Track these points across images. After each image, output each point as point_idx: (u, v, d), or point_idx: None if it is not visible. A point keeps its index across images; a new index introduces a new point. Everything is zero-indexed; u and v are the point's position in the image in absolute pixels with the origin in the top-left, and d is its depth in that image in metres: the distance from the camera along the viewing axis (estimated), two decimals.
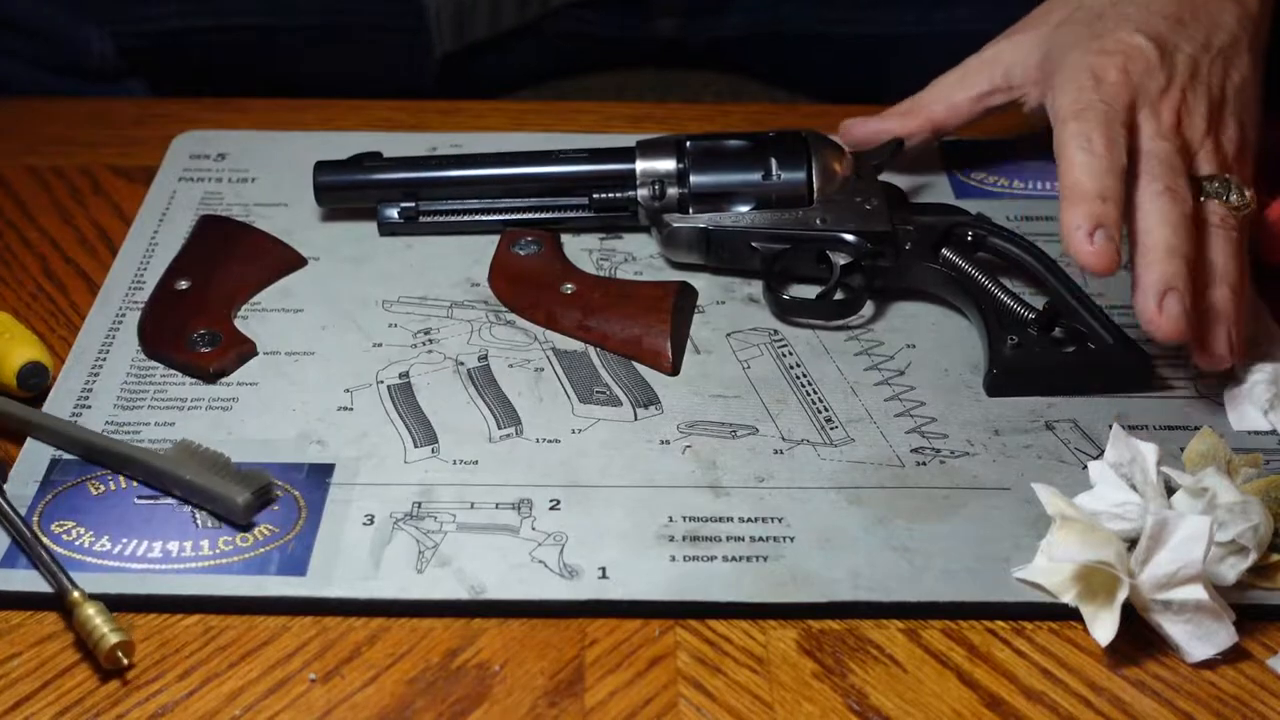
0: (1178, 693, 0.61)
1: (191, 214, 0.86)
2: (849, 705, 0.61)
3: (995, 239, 0.80)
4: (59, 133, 0.95)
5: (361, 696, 0.61)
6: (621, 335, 0.77)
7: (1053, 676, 0.62)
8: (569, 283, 0.81)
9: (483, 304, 0.80)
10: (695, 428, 0.73)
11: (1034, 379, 0.74)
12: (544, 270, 0.82)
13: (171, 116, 0.95)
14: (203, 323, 0.77)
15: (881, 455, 0.71)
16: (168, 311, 0.78)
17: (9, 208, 0.88)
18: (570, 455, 0.71)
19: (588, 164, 0.83)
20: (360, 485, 0.69)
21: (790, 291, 0.80)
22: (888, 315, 0.80)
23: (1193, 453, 0.70)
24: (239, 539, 0.66)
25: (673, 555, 0.66)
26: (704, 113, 0.98)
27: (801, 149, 0.81)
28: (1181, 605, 0.62)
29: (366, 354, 0.77)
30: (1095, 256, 0.71)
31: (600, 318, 0.78)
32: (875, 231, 0.80)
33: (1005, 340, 0.75)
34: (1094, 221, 0.71)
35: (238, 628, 0.64)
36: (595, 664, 0.62)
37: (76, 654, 0.62)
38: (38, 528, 0.66)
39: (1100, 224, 0.71)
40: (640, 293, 0.80)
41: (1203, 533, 0.62)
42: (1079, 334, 0.75)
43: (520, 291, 0.81)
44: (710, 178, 0.81)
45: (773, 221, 0.80)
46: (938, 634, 0.64)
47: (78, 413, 0.73)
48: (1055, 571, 0.64)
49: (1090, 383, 0.75)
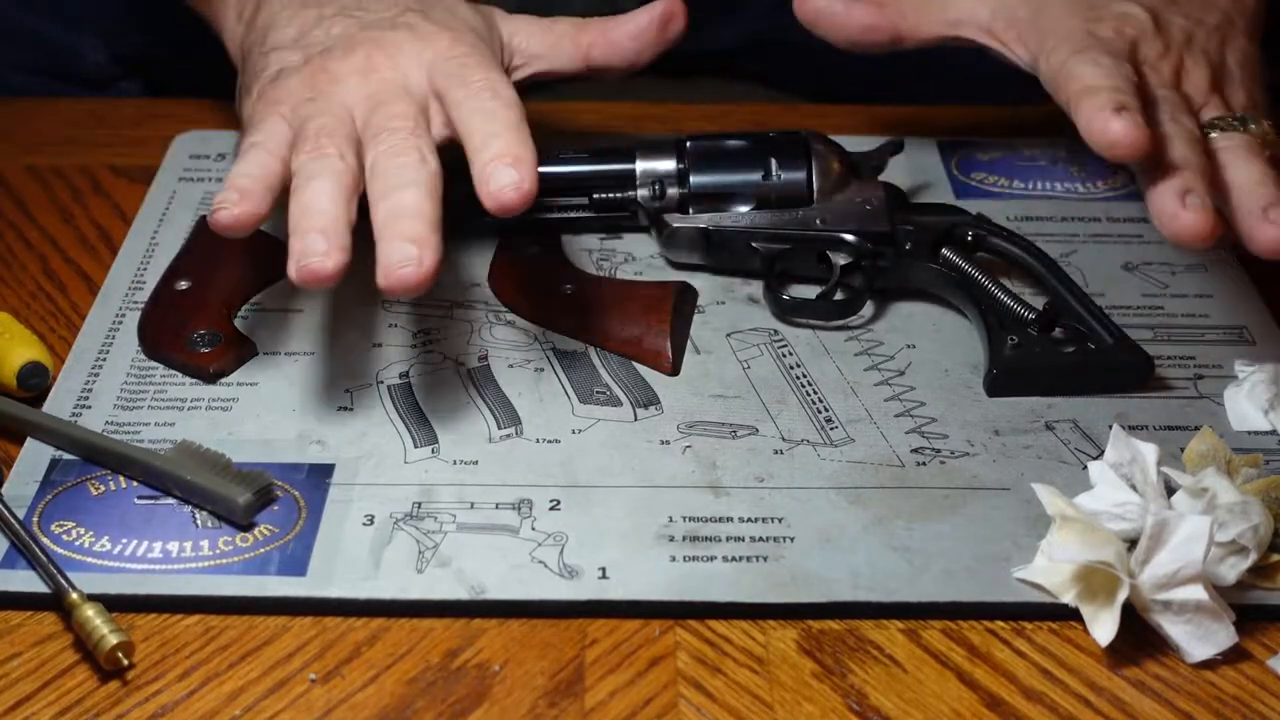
0: (1178, 693, 0.61)
1: (191, 214, 0.86)
2: (849, 705, 0.61)
3: (995, 239, 0.80)
4: (59, 133, 0.95)
5: (361, 696, 0.61)
6: (621, 335, 0.77)
7: (1053, 676, 0.62)
8: (569, 283, 0.81)
9: (483, 304, 0.80)
10: (695, 428, 0.73)
11: (1034, 379, 0.74)
12: (544, 270, 0.82)
13: (171, 116, 0.95)
14: (203, 323, 0.77)
15: (881, 455, 0.71)
16: (168, 311, 0.78)
17: (9, 208, 0.88)
18: (570, 455, 0.71)
19: (588, 164, 0.83)
20: (360, 485, 0.69)
21: (790, 291, 0.80)
22: (888, 315, 0.80)
23: (1193, 453, 0.70)
24: (239, 539, 0.66)
25: (673, 555, 0.66)
26: (704, 113, 0.98)
27: (801, 149, 0.81)
28: (1181, 605, 0.62)
29: (366, 354, 0.77)
30: (1125, 133, 0.67)
31: (600, 318, 0.78)
32: (875, 231, 0.80)
33: (1005, 340, 0.75)
34: (1118, 103, 0.68)
35: (238, 628, 0.64)
36: (595, 664, 0.62)
37: (76, 654, 0.62)
38: (37, 528, 0.66)
39: (1123, 106, 0.68)
40: (640, 293, 0.80)
41: (1203, 533, 0.62)
42: (1079, 334, 0.75)
43: (520, 292, 0.81)
44: (710, 178, 0.81)
45: (773, 222, 0.80)
46: (938, 634, 0.64)
47: (78, 413, 0.73)
48: (1055, 571, 0.64)
49: (1091, 383, 0.74)
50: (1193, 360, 0.77)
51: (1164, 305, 0.80)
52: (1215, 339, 0.78)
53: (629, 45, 0.82)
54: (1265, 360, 0.75)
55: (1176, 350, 0.77)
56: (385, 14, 0.78)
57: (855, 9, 0.82)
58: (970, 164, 0.91)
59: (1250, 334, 0.79)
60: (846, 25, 0.82)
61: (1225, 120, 0.73)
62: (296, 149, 0.71)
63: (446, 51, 0.75)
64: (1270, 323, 0.79)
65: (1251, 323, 0.80)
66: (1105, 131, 0.68)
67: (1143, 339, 0.76)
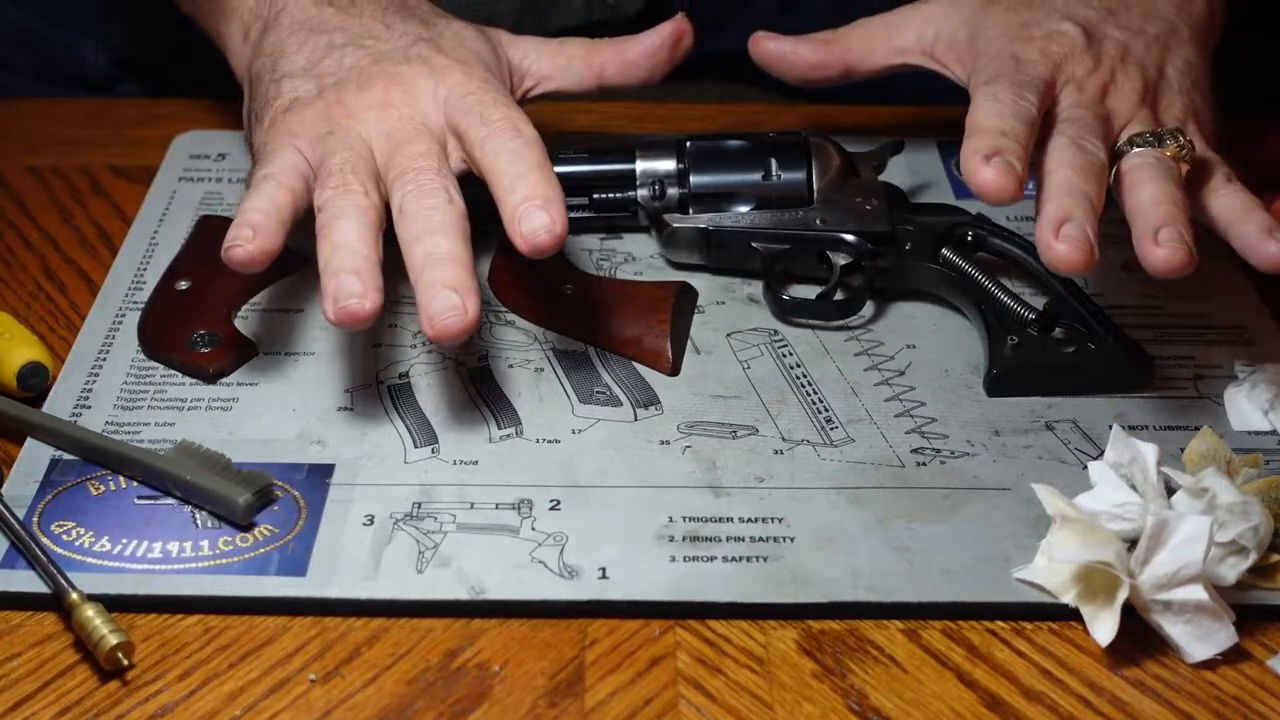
0: (1178, 693, 0.61)
1: (191, 214, 0.87)
2: (849, 705, 0.61)
3: (995, 239, 0.80)
4: (59, 133, 0.95)
5: (361, 697, 0.61)
6: (621, 335, 0.77)
7: (1053, 676, 0.62)
8: (568, 283, 0.81)
9: (483, 304, 0.80)
10: (695, 428, 0.73)
11: (1034, 379, 0.74)
12: (544, 271, 0.82)
13: (171, 116, 0.95)
14: (203, 323, 0.77)
15: (881, 455, 0.71)
16: (168, 312, 0.78)
17: (9, 208, 0.88)
18: (570, 455, 0.71)
19: (588, 164, 0.84)
20: (360, 485, 0.69)
21: (790, 292, 0.80)
22: (888, 315, 0.80)
23: (1193, 453, 0.70)
24: (239, 539, 0.66)
25: (673, 555, 0.66)
26: (704, 113, 0.98)
27: (801, 149, 0.81)
28: (1181, 605, 0.62)
29: (366, 354, 0.77)
30: (993, 181, 0.68)
31: (600, 318, 0.78)
32: (875, 232, 0.80)
33: (1005, 340, 0.75)
34: (993, 149, 0.69)
35: (238, 628, 0.64)
36: (595, 664, 0.62)
37: (76, 654, 0.62)
38: (37, 528, 0.66)
39: (999, 151, 0.68)
40: (640, 293, 0.80)
41: (1203, 533, 0.62)
42: (1079, 334, 0.75)
43: (520, 292, 0.81)
44: (710, 178, 0.81)
45: (773, 222, 0.80)
46: (938, 634, 0.64)
47: (78, 413, 0.73)
48: (1055, 571, 0.64)
49: (1091, 383, 0.74)
50: (1193, 360, 0.77)
51: (1164, 305, 0.80)
52: (1215, 339, 0.78)
53: (643, 64, 0.83)
54: (1265, 360, 0.76)
55: (1176, 350, 0.77)
56: (397, 44, 0.78)
57: (803, 48, 0.84)
58: None
59: (1250, 334, 0.79)
60: (796, 64, 0.85)
61: (1142, 137, 0.73)
62: (321, 183, 0.72)
63: (461, 87, 0.75)
64: (1270, 323, 0.79)
65: (1251, 323, 0.80)
66: (973, 176, 0.69)
67: (1143, 339, 0.76)
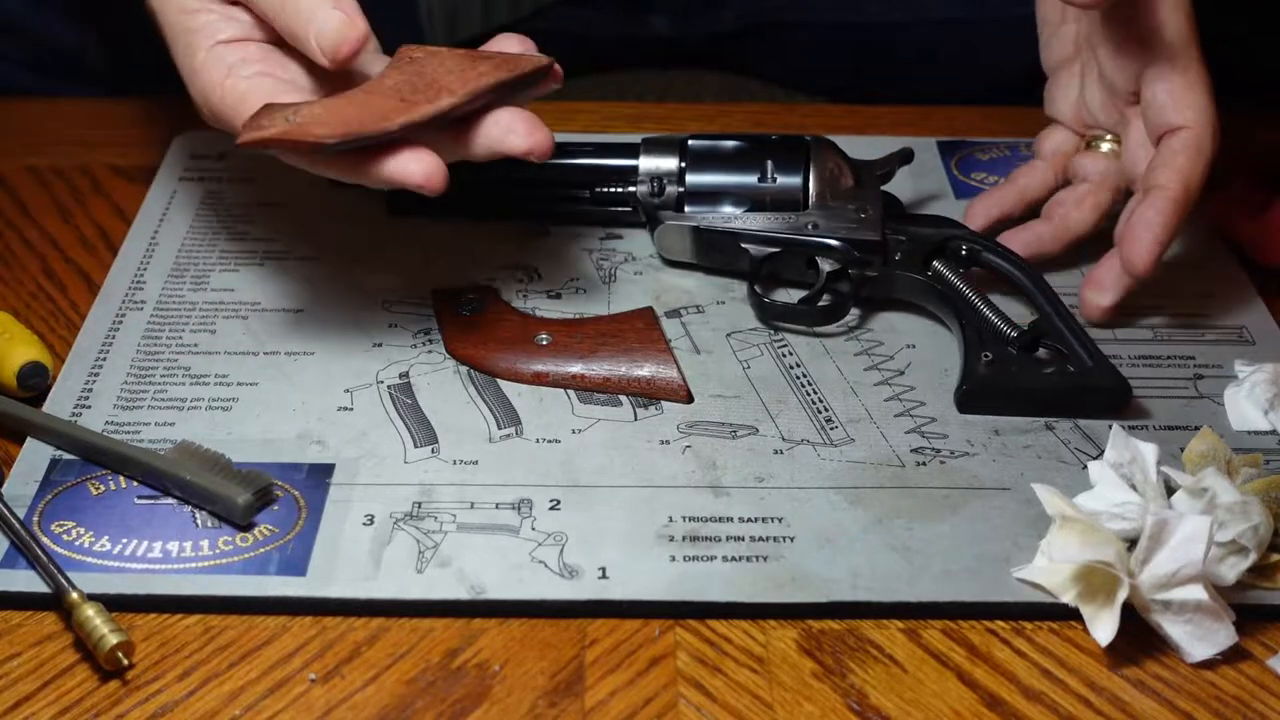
0: (1178, 693, 0.61)
1: (191, 214, 0.87)
2: (849, 705, 0.61)
3: (989, 254, 0.79)
4: (59, 133, 0.95)
5: (361, 696, 0.61)
6: (628, 376, 0.75)
7: (1053, 676, 0.62)
8: (541, 332, 0.77)
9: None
10: (695, 428, 0.73)
11: (1006, 398, 0.73)
12: (503, 325, 0.78)
13: (171, 116, 0.95)
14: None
15: (881, 455, 0.71)
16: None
17: (9, 208, 0.88)
18: (570, 455, 0.71)
19: (591, 158, 0.84)
20: (360, 485, 0.69)
21: (777, 295, 0.80)
22: (887, 316, 0.80)
23: (1193, 453, 0.70)
24: (239, 539, 0.66)
25: (673, 555, 0.66)
26: (704, 113, 0.98)
27: (800, 154, 0.81)
28: (1181, 605, 0.62)
29: (366, 354, 0.77)
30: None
31: (593, 362, 0.75)
32: (865, 240, 0.79)
33: (980, 357, 0.74)
34: None
35: (238, 628, 0.64)
36: (595, 664, 0.62)
37: (76, 654, 0.62)
38: (37, 528, 0.66)
39: None
40: (622, 329, 0.77)
41: (1203, 533, 0.62)
42: (1060, 354, 0.74)
43: (491, 355, 0.76)
44: (706, 177, 0.81)
45: (765, 224, 0.80)
46: (938, 634, 0.64)
47: (78, 413, 0.73)
48: (1055, 571, 0.64)
49: (1065, 407, 0.73)
50: (1193, 360, 0.77)
51: (1164, 305, 0.80)
52: (1215, 339, 0.78)
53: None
54: (1265, 360, 0.75)
55: (1176, 350, 0.77)
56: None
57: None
58: (970, 164, 0.91)
59: (1250, 334, 0.79)
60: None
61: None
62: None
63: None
64: (1270, 323, 0.79)
65: (1251, 323, 0.80)
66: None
67: (1142, 339, 0.76)
